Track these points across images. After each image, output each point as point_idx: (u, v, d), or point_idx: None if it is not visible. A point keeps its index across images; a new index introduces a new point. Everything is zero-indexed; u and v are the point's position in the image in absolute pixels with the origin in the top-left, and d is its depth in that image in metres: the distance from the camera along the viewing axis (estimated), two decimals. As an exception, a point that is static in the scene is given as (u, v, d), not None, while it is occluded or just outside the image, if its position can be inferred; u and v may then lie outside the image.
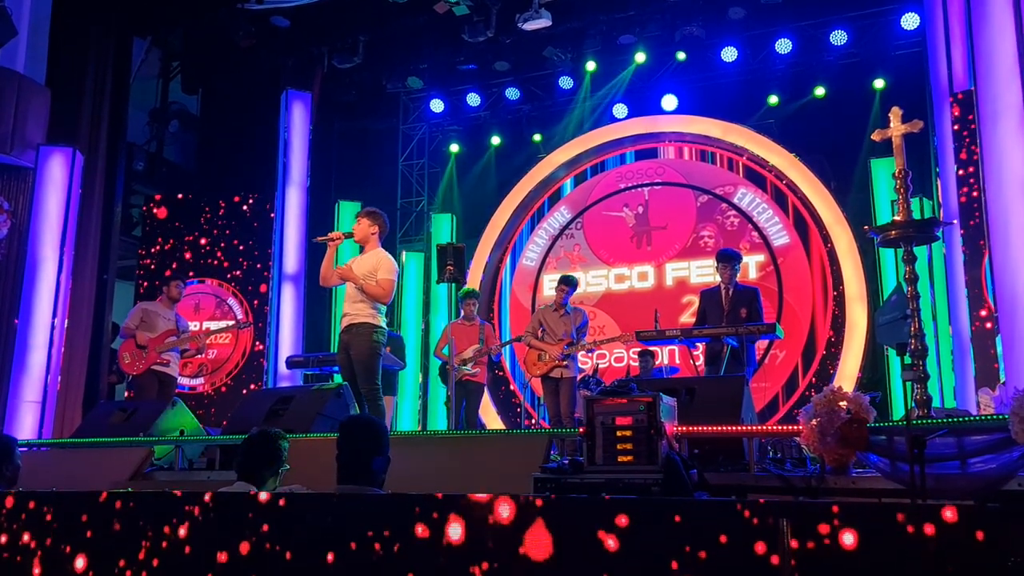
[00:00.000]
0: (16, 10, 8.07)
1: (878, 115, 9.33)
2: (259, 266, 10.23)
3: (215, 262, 10.33)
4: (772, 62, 10.43)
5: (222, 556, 2.07)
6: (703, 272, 10.33)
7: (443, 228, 11.78)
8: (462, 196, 12.17)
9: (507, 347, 10.16)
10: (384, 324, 5.60)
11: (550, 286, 10.51)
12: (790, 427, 3.96)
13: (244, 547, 2.05)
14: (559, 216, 11.53)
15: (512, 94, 11.54)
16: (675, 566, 1.71)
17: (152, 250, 10.44)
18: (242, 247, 10.31)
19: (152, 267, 10.31)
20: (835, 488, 3.69)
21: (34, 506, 2.36)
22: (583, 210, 11.36)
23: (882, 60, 9.87)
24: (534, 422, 10.04)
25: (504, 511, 1.85)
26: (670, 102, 10.91)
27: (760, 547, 1.66)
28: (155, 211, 10.55)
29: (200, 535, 2.13)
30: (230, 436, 5.33)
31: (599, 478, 3.35)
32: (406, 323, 11.52)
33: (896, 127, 4.82)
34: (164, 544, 2.15)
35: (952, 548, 1.57)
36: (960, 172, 6.73)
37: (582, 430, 3.49)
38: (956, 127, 6.83)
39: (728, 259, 6.77)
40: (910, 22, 9.49)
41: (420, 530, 1.91)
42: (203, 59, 11.36)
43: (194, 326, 8.99)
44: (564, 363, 7.41)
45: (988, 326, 6.27)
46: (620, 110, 11.30)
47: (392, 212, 11.65)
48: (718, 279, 6.84)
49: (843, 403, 3.50)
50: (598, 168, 11.46)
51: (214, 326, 9.35)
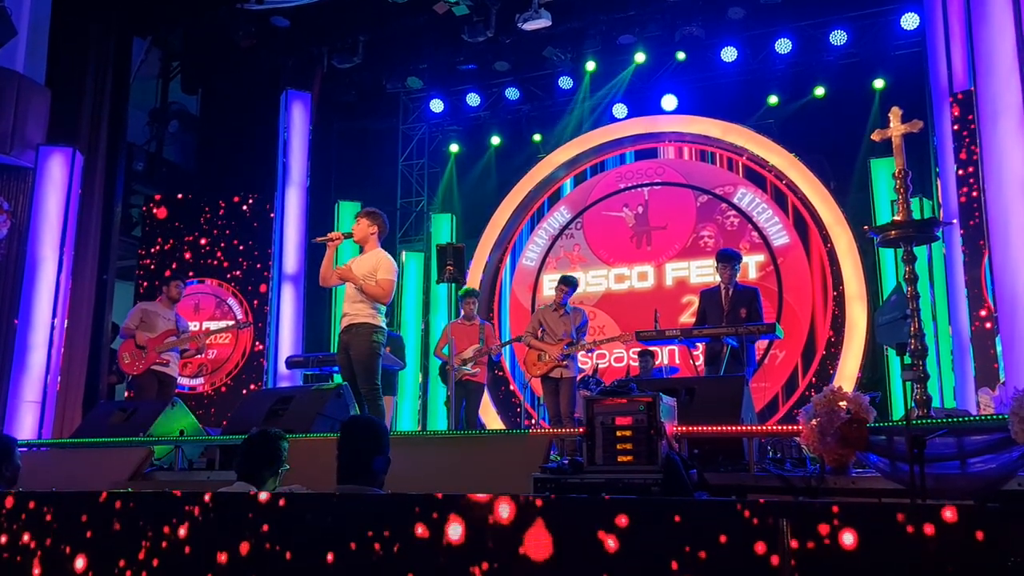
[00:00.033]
0: (16, 10, 8.07)
1: (878, 115, 9.33)
2: (259, 266, 10.23)
3: (215, 262, 10.32)
4: (772, 62, 10.43)
5: (222, 556, 2.08)
6: (703, 272, 10.33)
7: (443, 228, 11.78)
8: (462, 196, 12.17)
9: (507, 347, 10.16)
10: (384, 324, 5.60)
11: (550, 286, 10.51)
12: (790, 427, 3.96)
13: (244, 547, 2.05)
14: (559, 216, 11.53)
15: (512, 94, 11.54)
16: (675, 566, 1.71)
17: (152, 250, 10.44)
18: (242, 247, 10.31)
19: (152, 267, 10.31)
20: (835, 488, 3.70)
21: (34, 506, 2.35)
22: (583, 210, 11.36)
23: (882, 60, 9.87)
24: (534, 422, 10.04)
25: (504, 511, 1.85)
26: (670, 102, 10.92)
27: (760, 547, 1.66)
28: (155, 211, 10.55)
29: (200, 535, 2.13)
30: (230, 436, 5.33)
31: (599, 478, 3.35)
32: (406, 323, 11.52)
33: (896, 127, 4.82)
34: (164, 544, 2.15)
35: (952, 548, 1.57)
36: (960, 172, 6.73)
37: (582, 430, 3.50)
38: (956, 127, 6.83)
39: (728, 259, 6.77)
40: (910, 22, 9.49)
41: (420, 530, 1.90)
42: (203, 59, 11.37)
43: (194, 326, 8.99)
44: (564, 363, 7.41)
45: (988, 326, 6.27)
46: (620, 110, 11.30)
47: (392, 212, 11.65)
48: (718, 279, 6.84)
49: (843, 403, 3.50)
50: (598, 168, 11.46)
51: (214, 326, 9.34)
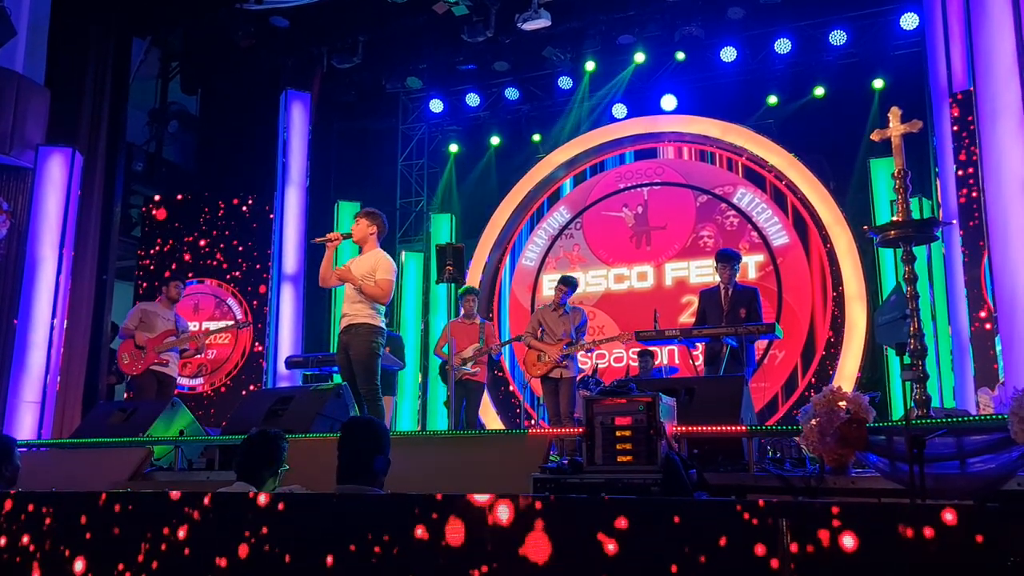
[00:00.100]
0: (15, 10, 8.06)
1: (877, 115, 9.33)
2: (258, 266, 10.22)
3: (214, 263, 10.32)
4: (771, 62, 10.43)
5: (221, 558, 2.07)
6: (702, 272, 10.33)
7: (442, 228, 11.78)
8: (461, 196, 12.17)
9: (507, 347, 10.16)
10: (383, 324, 5.60)
11: (549, 286, 10.51)
12: (789, 427, 3.96)
13: (243, 549, 2.05)
14: (558, 216, 11.53)
15: (511, 94, 11.54)
16: (675, 569, 1.71)
17: (151, 251, 10.43)
18: (241, 248, 10.31)
19: (151, 268, 10.30)
20: (834, 488, 3.69)
21: (33, 508, 2.35)
22: (582, 210, 11.36)
23: (881, 60, 9.86)
24: (534, 422, 10.04)
25: (503, 512, 1.85)
26: (669, 102, 10.91)
27: (759, 547, 1.66)
28: (154, 212, 10.55)
29: (199, 537, 2.13)
30: (229, 436, 5.33)
31: (598, 478, 3.35)
32: (405, 323, 11.52)
33: (895, 127, 4.82)
34: (163, 546, 2.15)
35: (951, 548, 1.57)
36: (959, 173, 6.73)
37: (581, 430, 3.49)
38: (955, 128, 6.83)
39: (727, 259, 6.77)
40: (909, 22, 9.49)
41: (419, 531, 1.90)
42: (203, 59, 11.37)
43: (193, 326, 8.98)
44: (564, 363, 7.40)
45: (987, 327, 6.27)
46: (619, 110, 11.30)
47: (391, 212, 11.65)
48: (717, 279, 6.83)
49: (842, 403, 3.50)
50: (597, 168, 11.46)
51: (213, 326, 9.33)
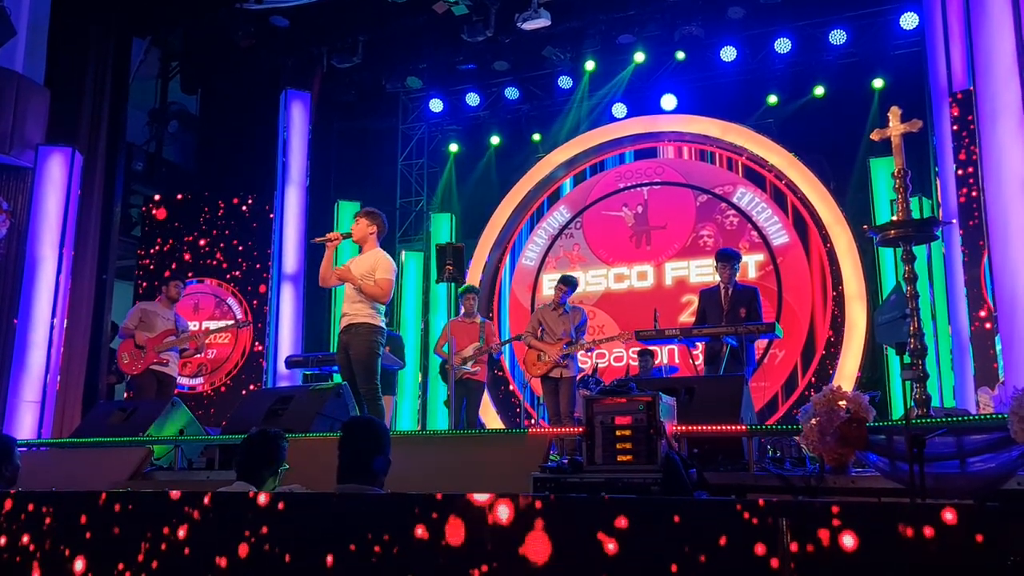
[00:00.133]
0: (15, 10, 8.06)
1: (877, 114, 9.33)
2: (258, 266, 10.22)
3: (214, 263, 10.32)
4: (771, 62, 10.43)
5: (221, 558, 2.07)
6: (702, 271, 10.33)
7: (442, 228, 11.78)
8: (461, 196, 12.17)
9: (507, 346, 10.16)
10: (383, 324, 5.60)
11: (549, 286, 10.51)
12: (789, 426, 3.96)
13: (243, 549, 2.05)
14: (558, 216, 11.53)
15: (511, 94, 11.54)
16: (675, 569, 1.71)
17: (151, 251, 10.44)
18: (241, 247, 10.31)
19: (151, 267, 10.31)
20: (834, 488, 3.69)
21: (33, 508, 2.35)
22: (582, 210, 11.36)
23: (881, 60, 9.87)
24: (534, 422, 10.04)
25: (503, 512, 1.85)
26: (669, 102, 10.92)
27: (759, 546, 1.66)
28: (154, 212, 10.55)
29: (199, 537, 2.13)
30: (229, 436, 5.33)
31: (598, 477, 3.35)
32: (405, 322, 11.53)
33: (895, 127, 4.82)
34: (163, 546, 2.14)
35: (952, 547, 1.57)
36: (959, 172, 6.73)
37: (581, 429, 3.49)
38: (955, 127, 6.83)
39: (727, 258, 6.77)
40: (909, 22, 9.49)
41: (419, 531, 1.90)
42: (203, 59, 11.37)
43: (193, 326, 8.98)
44: (564, 363, 7.40)
45: (987, 326, 6.26)
46: (619, 110, 11.30)
47: (391, 212, 11.65)
48: (717, 278, 6.83)
49: (842, 402, 3.50)
50: (597, 168, 11.46)
51: (213, 326, 9.34)
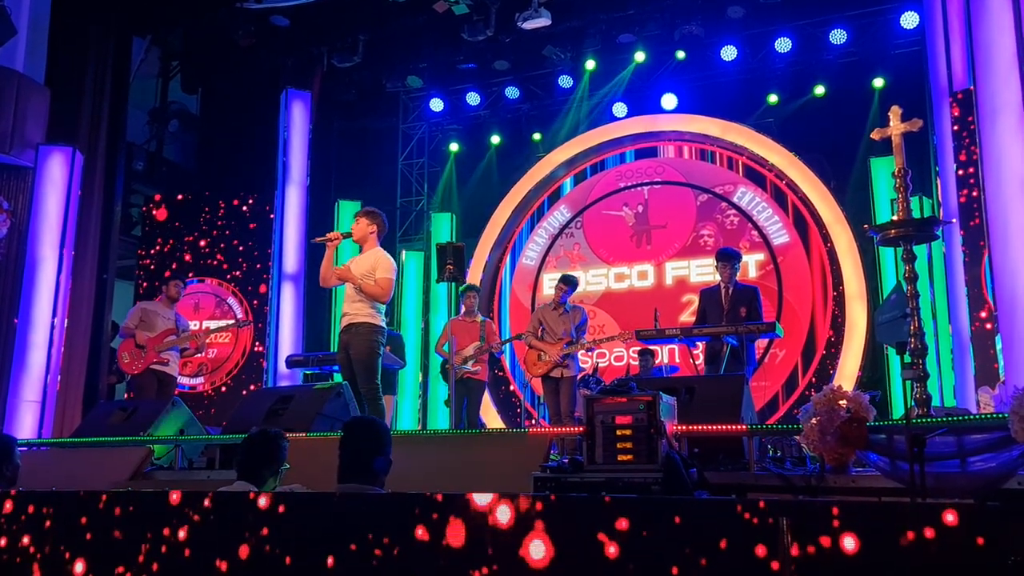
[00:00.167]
0: (15, 9, 8.06)
1: (877, 114, 9.33)
2: (259, 266, 10.22)
3: (214, 262, 10.32)
4: (771, 61, 10.43)
5: (221, 559, 2.07)
6: (703, 271, 10.33)
7: (443, 227, 11.78)
8: (462, 195, 12.17)
9: (507, 346, 10.15)
10: (384, 323, 5.60)
11: (550, 285, 10.51)
12: (790, 426, 3.96)
13: (244, 550, 2.05)
14: (559, 215, 11.52)
15: (512, 93, 11.54)
16: (675, 570, 1.71)
17: (152, 250, 10.44)
18: (242, 247, 10.30)
19: (152, 267, 10.31)
20: (835, 487, 3.69)
21: (33, 509, 2.35)
22: (583, 209, 11.35)
23: (881, 59, 9.86)
24: (534, 421, 10.04)
25: (504, 512, 1.85)
26: (670, 101, 10.91)
27: (760, 546, 1.66)
28: (155, 211, 10.55)
29: (199, 539, 2.12)
30: (230, 436, 5.32)
31: (599, 477, 3.35)
32: (406, 322, 11.53)
33: (895, 126, 4.81)
34: (164, 548, 2.14)
35: (952, 547, 1.57)
36: (960, 172, 6.72)
37: (582, 429, 3.49)
38: (956, 127, 6.82)
39: (728, 258, 6.77)
40: (909, 21, 9.49)
41: (420, 532, 1.90)
42: (203, 59, 11.36)
43: (194, 325, 8.98)
44: (564, 362, 7.40)
45: (988, 326, 6.26)
46: (620, 109, 11.30)
47: (392, 211, 11.65)
48: (718, 278, 6.83)
49: (843, 402, 3.50)
50: (598, 167, 11.46)
51: (213, 325, 9.34)
